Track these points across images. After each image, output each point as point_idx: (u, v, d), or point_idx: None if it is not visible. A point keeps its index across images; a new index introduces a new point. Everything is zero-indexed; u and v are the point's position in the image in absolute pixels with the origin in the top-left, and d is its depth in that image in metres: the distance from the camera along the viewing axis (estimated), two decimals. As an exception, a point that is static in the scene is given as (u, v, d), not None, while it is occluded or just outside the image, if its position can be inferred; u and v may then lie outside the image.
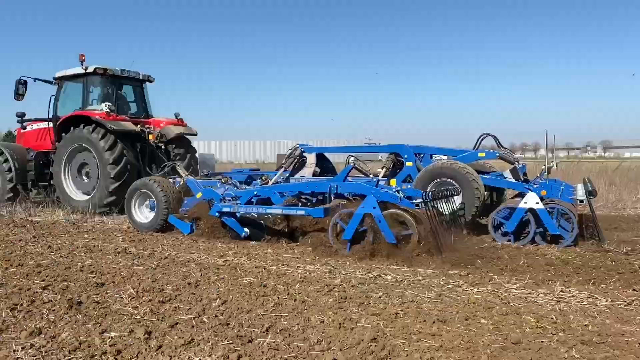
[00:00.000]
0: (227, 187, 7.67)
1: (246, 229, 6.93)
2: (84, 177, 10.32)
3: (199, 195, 7.37)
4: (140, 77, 11.43)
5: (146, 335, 3.24)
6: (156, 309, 3.81)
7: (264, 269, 5.21)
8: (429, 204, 5.85)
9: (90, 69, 10.51)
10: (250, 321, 3.54)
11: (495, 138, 8.08)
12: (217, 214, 6.96)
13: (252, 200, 7.05)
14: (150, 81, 11.74)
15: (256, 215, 7.03)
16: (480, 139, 8.10)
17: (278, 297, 4.12)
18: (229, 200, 7.09)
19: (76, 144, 10.09)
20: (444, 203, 6.34)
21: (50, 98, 11.00)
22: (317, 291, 4.33)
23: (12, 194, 11.00)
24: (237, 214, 6.93)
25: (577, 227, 6.42)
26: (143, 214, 7.90)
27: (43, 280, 4.59)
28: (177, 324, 3.49)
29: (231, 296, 4.16)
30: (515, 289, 4.43)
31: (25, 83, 11.16)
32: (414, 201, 5.87)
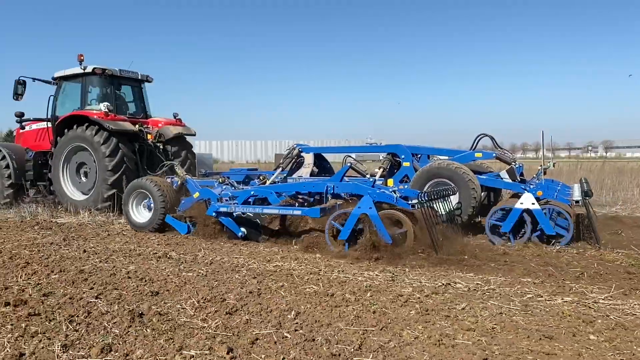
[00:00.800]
0: (224, 187, 7.68)
1: (243, 229, 6.95)
2: (82, 177, 10.34)
3: (196, 195, 7.38)
4: (139, 77, 11.45)
5: (230, 354, 2.98)
6: (227, 322, 3.55)
7: (321, 275, 4.97)
8: (425, 205, 5.87)
9: (89, 69, 10.53)
10: (336, 337, 3.30)
11: (492, 138, 8.11)
12: (214, 213, 6.97)
13: (249, 200, 7.07)
14: (149, 81, 11.76)
15: (252, 215, 7.05)
16: (477, 140, 8.13)
17: (353, 308, 3.87)
18: (226, 200, 7.11)
19: (74, 144, 10.11)
20: (440, 203, 6.36)
21: (49, 98, 11.05)
22: (391, 302, 4.08)
23: (11, 192, 11.04)
24: (233, 213, 6.95)
25: (574, 227, 6.44)
26: (140, 214, 7.91)
27: (92, 289, 4.38)
28: (257, 339, 3.24)
29: (302, 307, 3.91)
30: (603, 299, 4.18)
31: (24, 83, 11.19)
32: (410, 202, 5.88)
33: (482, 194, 7.68)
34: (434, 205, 6.18)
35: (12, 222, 8.77)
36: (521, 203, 6.44)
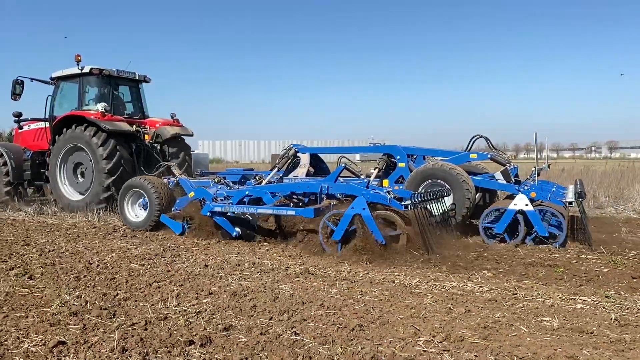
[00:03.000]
0: (219, 186, 7.70)
1: (237, 229, 6.97)
2: (79, 177, 10.36)
3: (191, 194, 7.40)
4: (137, 78, 11.47)
5: None
6: (357, 343, 3.20)
7: (394, 284, 4.68)
8: (418, 205, 5.88)
9: (86, 69, 10.56)
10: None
11: (487, 139, 8.13)
12: (208, 213, 6.99)
13: (244, 200, 7.09)
14: (147, 81, 11.78)
15: (249, 216, 7.08)
16: (472, 141, 8.14)
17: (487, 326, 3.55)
18: (221, 200, 7.12)
19: (71, 144, 10.14)
20: (433, 204, 6.37)
21: (47, 98, 11.08)
22: (500, 314, 3.83)
23: (8, 190, 11.07)
24: (228, 213, 6.96)
25: (567, 229, 6.45)
26: (135, 213, 7.93)
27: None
28: None
29: (427, 325, 3.57)
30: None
31: (22, 83, 11.23)
32: (403, 202, 5.89)
33: (477, 195, 7.69)
34: (428, 206, 6.19)
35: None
36: (515, 204, 6.46)
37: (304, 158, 8.98)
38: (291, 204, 7.22)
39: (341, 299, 4.21)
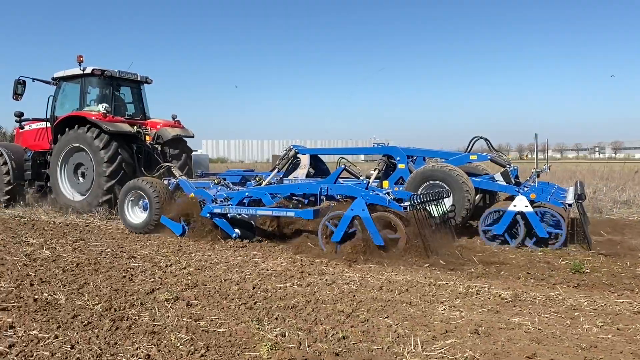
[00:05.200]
0: (219, 188, 7.71)
1: (237, 230, 6.98)
2: (80, 178, 10.39)
3: (191, 195, 7.41)
4: (138, 79, 11.50)
5: None
6: None
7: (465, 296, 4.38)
8: (417, 207, 5.88)
9: (88, 70, 10.60)
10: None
11: (487, 141, 8.12)
12: (208, 214, 7.00)
13: (244, 201, 7.09)
14: (148, 82, 11.81)
15: (247, 216, 7.08)
16: (472, 142, 8.13)
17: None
18: (221, 201, 7.13)
19: (72, 145, 10.17)
20: (433, 205, 6.36)
21: (49, 98, 11.12)
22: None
23: (9, 191, 11.11)
24: (228, 215, 6.97)
25: (566, 230, 6.44)
26: (136, 215, 7.94)
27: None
28: None
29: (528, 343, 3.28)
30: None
31: (24, 83, 11.28)
32: (402, 204, 5.89)
33: (477, 196, 7.69)
34: (427, 207, 6.19)
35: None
36: (514, 206, 6.45)
37: (304, 159, 8.99)
38: (290, 205, 7.23)
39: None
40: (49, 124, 11.15)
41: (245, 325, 3.55)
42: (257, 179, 8.80)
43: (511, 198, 6.94)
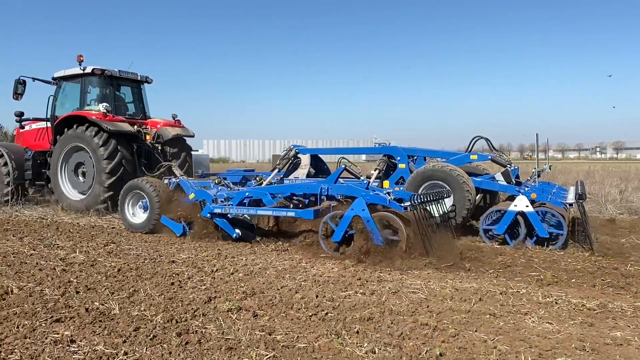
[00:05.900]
0: (219, 188, 7.70)
1: (237, 230, 6.97)
2: (80, 177, 10.39)
3: (191, 196, 7.40)
4: (138, 79, 11.50)
5: None
6: None
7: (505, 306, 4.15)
8: (418, 206, 5.87)
9: (88, 70, 10.60)
10: None
11: (487, 140, 8.11)
12: (208, 214, 6.99)
13: (245, 201, 7.09)
14: (149, 82, 11.81)
15: (248, 217, 7.08)
16: (473, 142, 8.13)
17: None
18: (221, 201, 7.12)
19: (72, 144, 10.17)
20: (433, 205, 6.35)
21: (49, 98, 11.12)
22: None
23: (9, 189, 11.10)
24: (228, 215, 6.97)
25: (567, 230, 6.43)
26: (136, 214, 7.94)
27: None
28: None
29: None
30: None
31: (24, 83, 11.28)
32: (403, 204, 5.88)
33: (478, 196, 7.68)
34: (427, 207, 6.18)
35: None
36: (515, 205, 6.45)
37: (305, 159, 8.98)
38: (291, 205, 7.22)
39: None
40: (49, 124, 11.15)
41: (327, 340, 3.31)
42: (257, 179, 8.79)
43: (512, 198, 6.94)
